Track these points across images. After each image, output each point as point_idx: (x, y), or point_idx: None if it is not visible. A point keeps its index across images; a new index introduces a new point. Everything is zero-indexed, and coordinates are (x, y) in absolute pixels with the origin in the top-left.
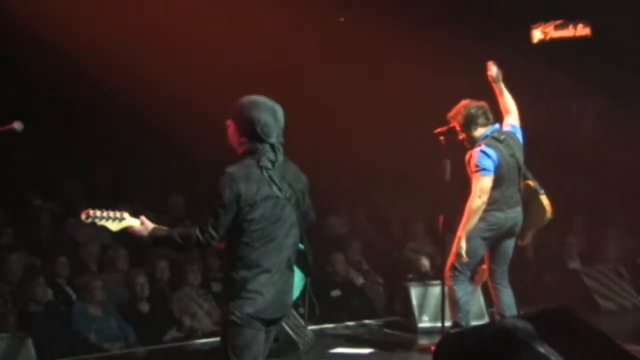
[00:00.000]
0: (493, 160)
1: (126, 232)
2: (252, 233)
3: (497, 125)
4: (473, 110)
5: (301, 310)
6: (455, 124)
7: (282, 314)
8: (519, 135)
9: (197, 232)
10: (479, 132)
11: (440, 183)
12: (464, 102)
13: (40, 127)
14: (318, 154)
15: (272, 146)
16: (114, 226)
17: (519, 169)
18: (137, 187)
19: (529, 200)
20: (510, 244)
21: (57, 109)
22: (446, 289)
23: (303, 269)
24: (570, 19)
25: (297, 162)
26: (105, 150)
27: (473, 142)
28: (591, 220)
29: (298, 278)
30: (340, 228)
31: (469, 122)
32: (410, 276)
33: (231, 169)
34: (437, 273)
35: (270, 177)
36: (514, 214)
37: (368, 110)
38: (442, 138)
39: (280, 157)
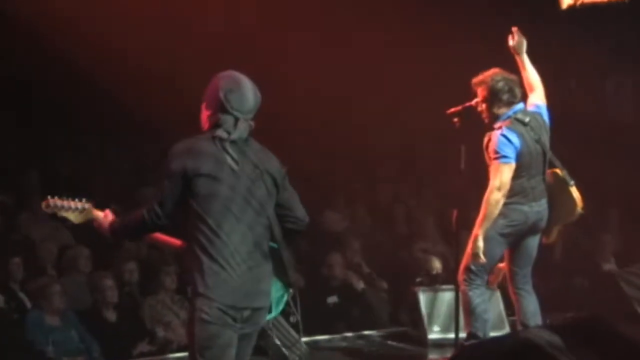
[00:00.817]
0: (515, 147)
1: (90, 224)
2: (208, 211)
3: (521, 105)
4: (500, 84)
5: (292, 319)
6: (478, 93)
7: (256, 304)
8: (545, 116)
9: (144, 211)
10: (502, 110)
11: (453, 172)
12: (493, 70)
13: None
14: (312, 140)
15: (236, 120)
16: (76, 218)
17: (545, 155)
18: (102, 177)
19: (556, 192)
20: (534, 243)
21: (9, 88)
22: (460, 294)
23: (282, 277)
24: None
25: (290, 150)
26: (66, 135)
27: (493, 120)
28: (628, 214)
29: (275, 289)
30: (338, 225)
31: (493, 97)
32: (418, 280)
33: (181, 141)
34: (449, 276)
35: (224, 148)
36: (539, 208)
37: (368, 91)
38: (456, 119)
39: (244, 135)
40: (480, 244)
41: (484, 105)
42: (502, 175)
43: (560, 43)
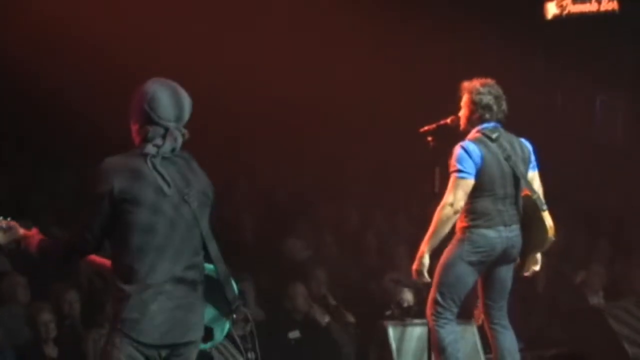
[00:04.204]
0: (475, 162)
1: (17, 245)
2: (134, 237)
3: (494, 123)
4: (479, 97)
5: (250, 356)
6: (464, 97)
7: (183, 339)
8: (530, 151)
9: (72, 236)
10: (476, 122)
11: (427, 196)
12: (484, 81)
13: None
14: (275, 160)
15: (166, 131)
16: (1, 238)
17: (516, 177)
18: (43, 198)
19: (528, 217)
20: (507, 273)
21: None
22: (429, 331)
23: (218, 304)
24: None
25: (250, 171)
26: (4, 154)
27: (463, 126)
28: (618, 244)
29: (211, 316)
30: (301, 253)
31: (477, 107)
32: (388, 313)
33: (108, 159)
34: (422, 309)
35: (154, 166)
36: (509, 234)
37: (336, 109)
38: (430, 138)
39: (176, 146)
40: (426, 261)
41: (464, 110)
42: (456, 191)
43: (546, 56)
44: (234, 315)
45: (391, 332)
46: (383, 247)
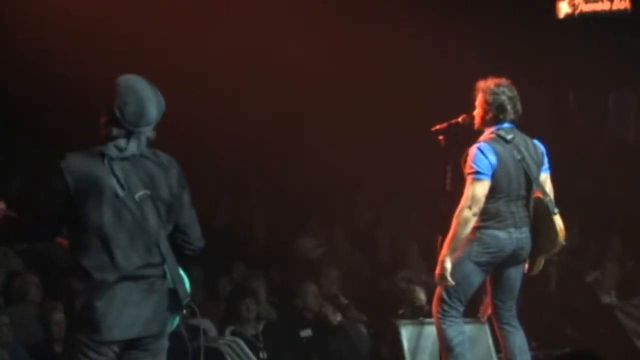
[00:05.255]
0: (491, 164)
1: None
2: (84, 235)
3: (509, 124)
4: (493, 98)
5: (262, 355)
6: (478, 97)
7: (134, 335)
8: (543, 152)
9: (31, 221)
10: (490, 122)
11: (438, 194)
12: (499, 81)
13: None
14: (287, 159)
15: (130, 134)
16: None
17: (528, 179)
18: None
19: (539, 220)
20: (516, 274)
21: None
22: (436, 330)
23: (172, 301)
24: None
25: (263, 170)
26: (18, 151)
27: (478, 125)
28: (632, 242)
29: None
30: (313, 251)
31: (491, 107)
32: (401, 312)
33: (68, 155)
34: None
35: (111, 169)
36: (519, 235)
37: (347, 107)
38: (441, 138)
39: (139, 150)
40: (448, 265)
41: (478, 110)
42: (474, 193)
43: (558, 55)
44: (184, 311)
45: (403, 331)
46: (395, 246)
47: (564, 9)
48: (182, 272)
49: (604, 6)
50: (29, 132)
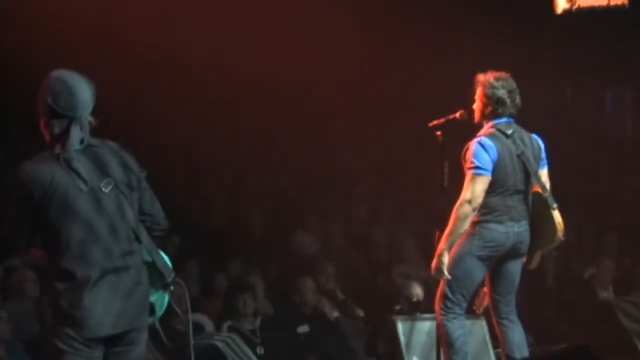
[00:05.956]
0: (491, 158)
1: None
2: (58, 237)
3: (509, 118)
4: (492, 91)
5: (259, 350)
6: (478, 90)
7: (127, 327)
8: (542, 147)
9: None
10: (490, 116)
11: (436, 189)
12: (498, 75)
13: None
14: (283, 155)
15: (71, 121)
16: None
17: (527, 173)
18: None
19: (538, 215)
20: (515, 268)
21: None
22: (437, 325)
23: (153, 280)
24: None
25: (259, 164)
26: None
27: (477, 119)
28: (629, 238)
29: (155, 297)
30: (310, 247)
31: (490, 100)
32: (398, 307)
33: (24, 163)
34: (431, 304)
35: (69, 165)
36: (519, 229)
37: (343, 103)
38: (439, 133)
39: (84, 137)
40: (445, 259)
41: (477, 104)
42: (474, 187)
43: (556, 51)
44: (172, 288)
45: (400, 326)
46: (392, 241)
47: (561, 5)
48: (161, 252)
49: (602, 2)
50: (24, 131)
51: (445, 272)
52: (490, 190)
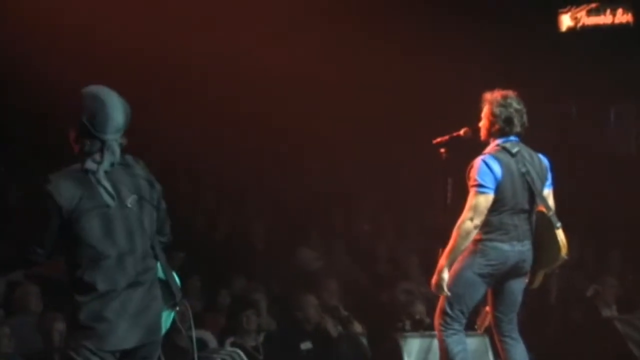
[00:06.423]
0: (495, 177)
1: None
2: (82, 250)
3: (515, 137)
4: (499, 110)
5: None
6: (485, 108)
7: (143, 341)
8: (547, 167)
9: (23, 249)
10: (496, 134)
11: (439, 206)
12: (505, 93)
13: None
14: (286, 170)
15: (103, 143)
16: None
17: (532, 192)
18: None
19: (542, 234)
20: (518, 286)
21: None
22: (437, 342)
23: (166, 302)
24: (607, 2)
25: (262, 180)
26: (20, 161)
27: (483, 137)
28: (631, 256)
29: (163, 315)
30: (313, 263)
31: (497, 119)
32: (400, 325)
33: (52, 176)
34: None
35: (98, 182)
36: (522, 248)
37: (347, 118)
38: (442, 150)
39: (115, 159)
40: (445, 275)
41: (484, 122)
42: (476, 205)
43: (560, 67)
44: (177, 308)
45: (404, 344)
46: (394, 258)
47: (566, 22)
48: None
49: (606, 20)
50: (28, 144)
51: (445, 289)
52: (494, 209)
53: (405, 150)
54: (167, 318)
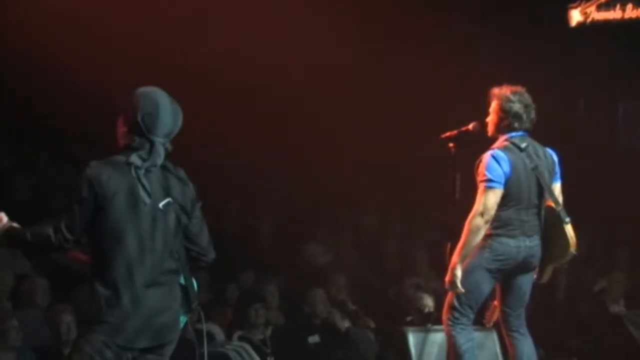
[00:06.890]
0: (504, 172)
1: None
2: (110, 243)
3: (523, 132)
4: (509, 105)
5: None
6: (493, 103)
7: (157, 342)
8: (556, 162)
9: (51, 231)
10: (504, 130)
11: (447, 202)
12: (514, 89)
13: None
14: (294, 166)
15: (152, 144)
16: None
17: (541, 187)
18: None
19: (551, 229)
20: (526, 281)
21: None
22: (446, 337)
23: (183, 306)
24: None
25: (270, 177)
26: (27, 155)
27: (494, 135)
28: (639, 251)
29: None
30: (321, 258)
31: (506, 115)
32: (409, 319)
33: (94, 163)
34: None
35: (139, 178)
36: (530, 244)
37: (354, 113)
38: (451, 145)
39: (159, 161)
40: (458, 272)
41: (492, 117)
42: (486, 200)
43: (569, 63)
44: (190, 315)
45: (411, 338)
46: (402, 252)
47: (575, 17)
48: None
49: (616, 15)
50: (34, 138)
51: (459, 286)
52: (503, 204)
53: (413, 144)
54: (181, 323)
